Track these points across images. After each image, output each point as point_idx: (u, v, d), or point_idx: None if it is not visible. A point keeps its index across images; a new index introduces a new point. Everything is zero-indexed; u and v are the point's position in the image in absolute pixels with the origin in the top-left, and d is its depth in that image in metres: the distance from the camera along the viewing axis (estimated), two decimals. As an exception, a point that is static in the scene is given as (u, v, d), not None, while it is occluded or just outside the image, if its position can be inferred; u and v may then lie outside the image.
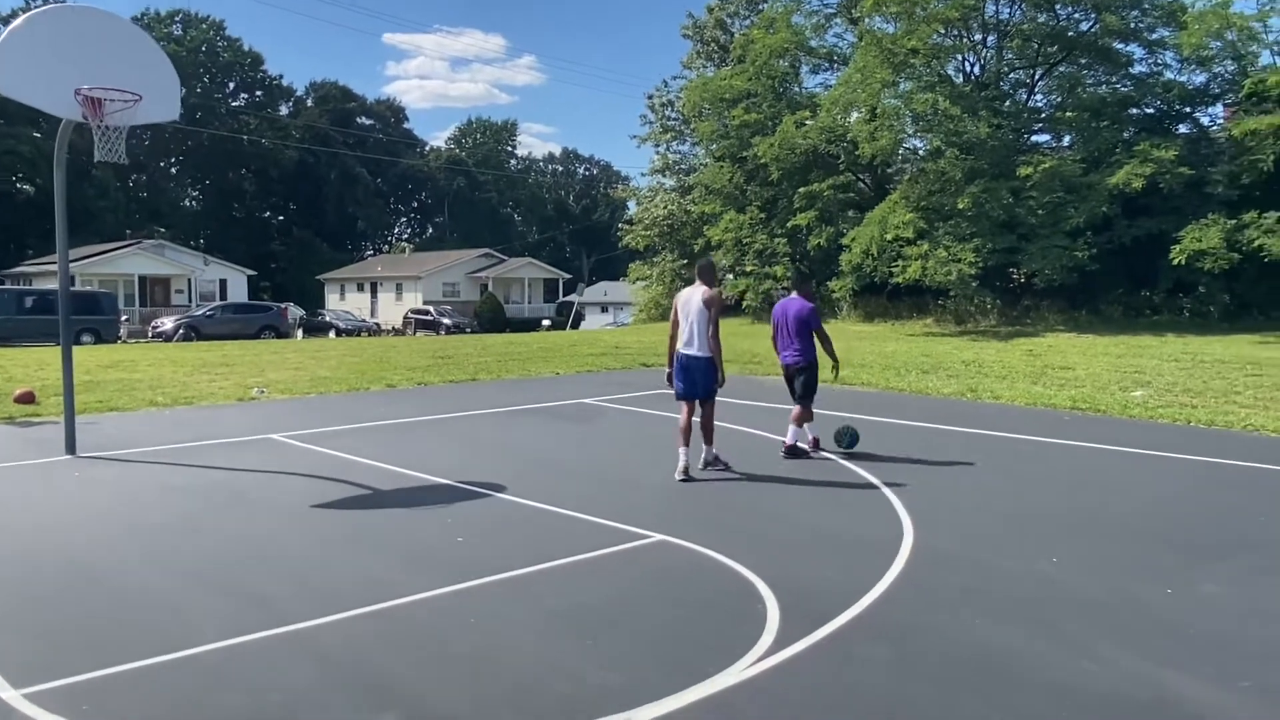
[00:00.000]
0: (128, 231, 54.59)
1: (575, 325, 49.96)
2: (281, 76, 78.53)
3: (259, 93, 77.29)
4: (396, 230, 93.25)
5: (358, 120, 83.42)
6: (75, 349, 21.24)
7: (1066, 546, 5.65)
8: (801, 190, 26.85)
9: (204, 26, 72.19)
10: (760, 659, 3.93)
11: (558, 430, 10.06)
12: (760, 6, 31.53)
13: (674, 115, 35.36)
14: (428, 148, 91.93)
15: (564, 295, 61.08)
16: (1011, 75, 27.38)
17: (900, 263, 23.93)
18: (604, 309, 64.13)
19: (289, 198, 76.76)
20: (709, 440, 7.90)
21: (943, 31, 25.65)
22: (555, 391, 13.23)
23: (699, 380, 7.61)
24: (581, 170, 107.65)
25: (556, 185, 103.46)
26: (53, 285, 37.52)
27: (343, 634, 4.20)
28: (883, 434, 9.69)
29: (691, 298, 7.62)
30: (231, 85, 75.67)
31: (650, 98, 36.30)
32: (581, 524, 6.12)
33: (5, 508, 6.43)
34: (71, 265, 41.62)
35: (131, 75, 7.41)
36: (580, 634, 4.22)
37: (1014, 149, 24.69)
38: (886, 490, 7.12)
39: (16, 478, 7.34)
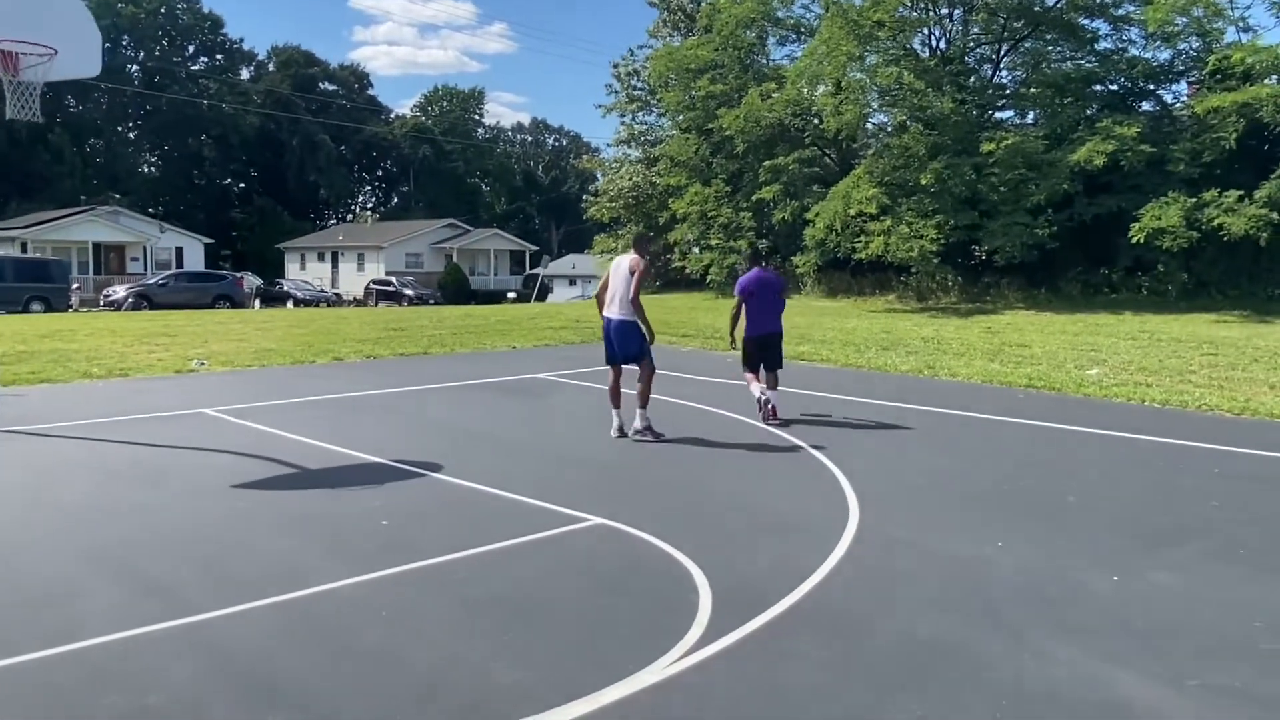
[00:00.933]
0: (82, 198, 53.12)
1: (541, 298, 49.52)
2: (243, 40, 77.06)
3: (219, 57, 75.44)
4: (361, 199, 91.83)
5: (320, 86, 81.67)
6: (14, 318, 20.70)
7: (1014, 530, 5.49)
8: (767, 164, 26.55)
9: (161, -13, 70.03)
10: (686, 654, 3.71)
11: (507, 407, 9.77)
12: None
13: (640, 85, 34.81)
14: (393, 115, 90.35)
15: (531, 267, 60.48)
16: (977, 50, 27.17)
17: (863, 238, 23.76)
18: (572, 281, 63.49)
19: (250, 165, 75.10)
20: (642, 404, 7.87)
21: (908, 4, 25.35)
22: (509, 366, 12.93)
23: (617, 342, 7.79)
24: (551, 141, 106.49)
25: (525, 155, 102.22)
26: (8, 253, 36.50)
27: (242, 627, 3.92)
28: (837, 411, 9.51)
29: (620, 264, 7.83)
30: (191, 49, 73.73)
31: (616, 67, 35.70)
32: (517, 506, 5.87)
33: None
34: (24, 232, 40.77)
35: (48, 28, 6.96)
36: (496, 627, 3.97)
37: (977, 125, 24.54)
38: (835, 469, 6.94)
39: (-79, 454, 6.95)
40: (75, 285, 31.09)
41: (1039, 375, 11.79)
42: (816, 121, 26.58)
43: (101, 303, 31.60)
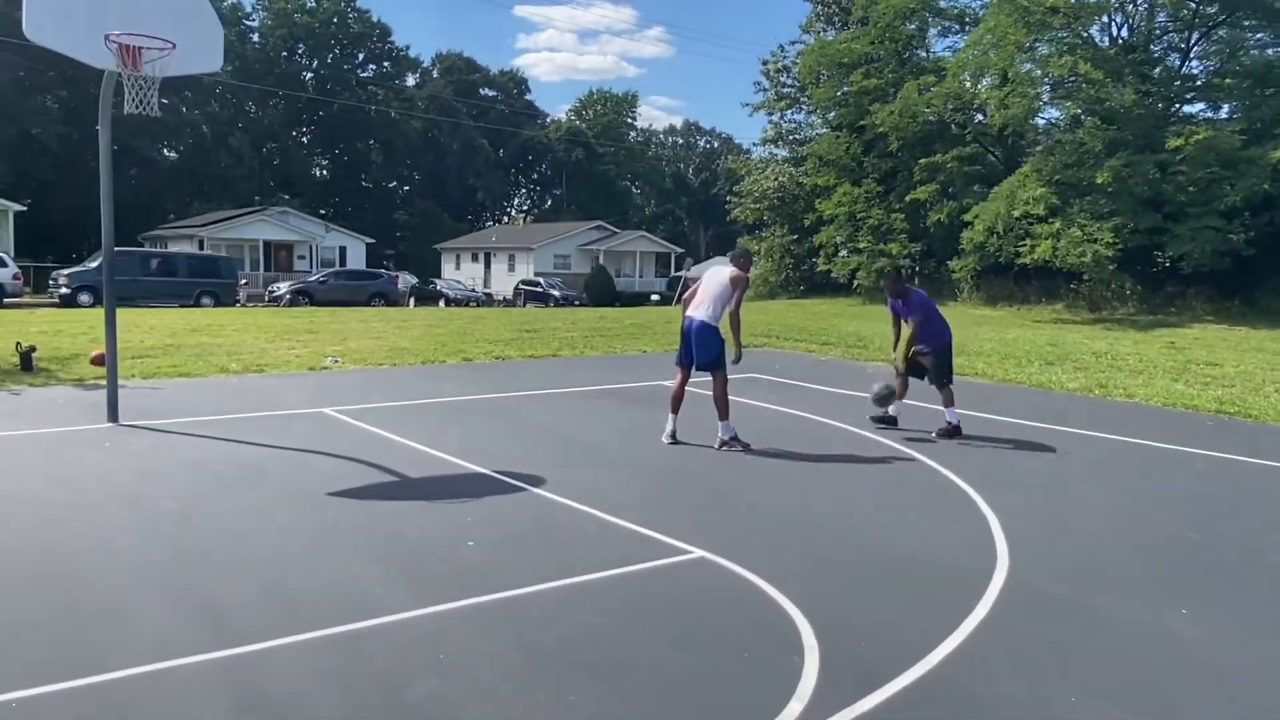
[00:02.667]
0: (256, 199, 56.50)
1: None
2: (408, 48, 79.94)
3: (386, 64, 78.77)
4: (516, 202, 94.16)
5: (481, 92, 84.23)
6: (171, 312, 21.92)
7: (1202, 593, 4.54)
8: (922, 162, 25.16)
9: (335, -1, 73.81)
10: (778, 739, 3.06)
11: (625, 415, 9.27)
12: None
13: (789, 82, 33.81)
14: (548, 119, 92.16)
15: (676, 270, 60.26)
16: (1164, 38, 24.87)
17: (1028, 242, 22.07)
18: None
19: (413, 168, 78.28)
20: (724, 415, 7.55)
21: (1087, -13, 23.42)
22: (636, 371, 12.46)
23: (696, 345, 7.48)
24: (703, 143, 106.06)
25: (676, 158, 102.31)
26: (182, 249, 39.14)
27: (286, 663, 3.54)
28: (989, 433, 8.53)
29: (720, 271, 7.54)
30: (360, 56, 77.31)
31: (765, 64, 34.80)
32: (615, 532, 5.33)
33: (19, 477, 6.08)
34: (201, 230, 43.51)
35: (171, 23, 6.93)
36: (561, 683, 3.43)
37: (1163, 119, 22.42)
38: (981, 503, 6.07)
39: (48, 445, 7.05)
40: (243, 281, 32.84)
41: (1232, 399, 10.35)
42: (979, 116, 24.94)
43: (266, 298, 33.28)
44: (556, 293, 45.41)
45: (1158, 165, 20.82)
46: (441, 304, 41.28)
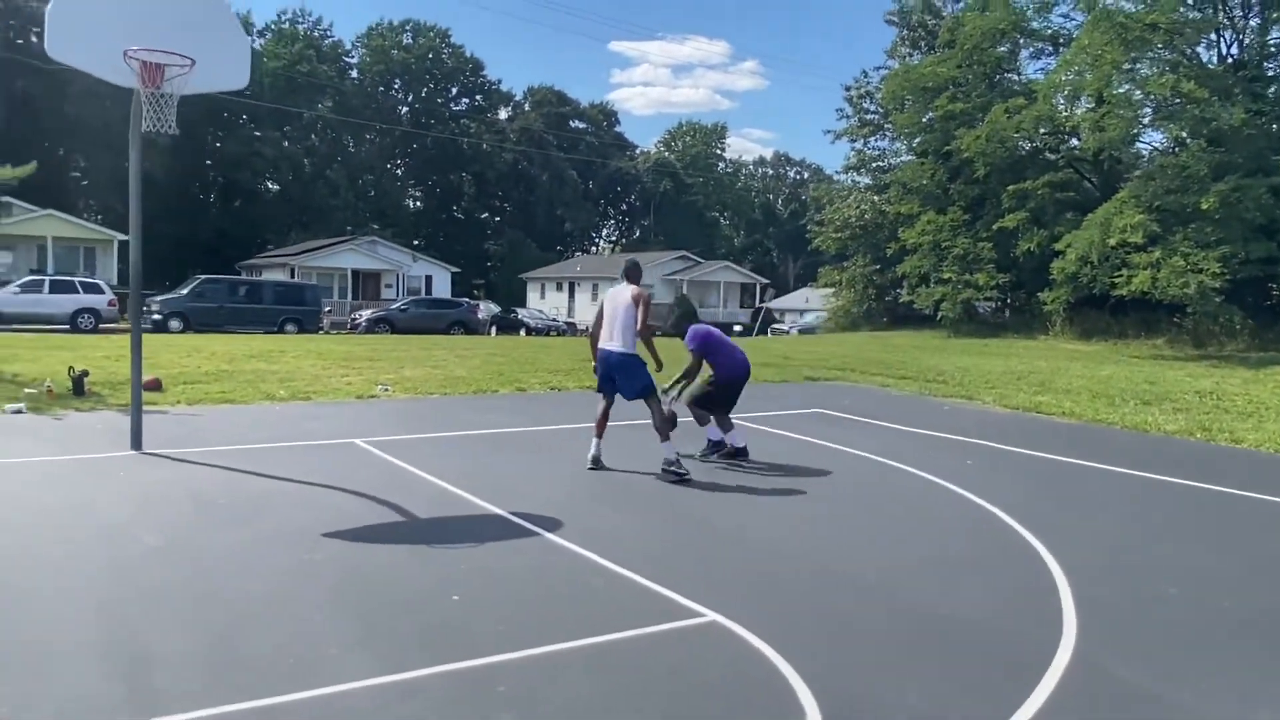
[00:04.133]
0: (349, 229, 58.02)
1: (763, 331, 48.26)
2: (500, 81, 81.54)
3: (479, 98, 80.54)
4: (605, 232, 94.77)
5: (571, 124, 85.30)
6: (236, 337, 22.25)
7: (1316, 694, 3.72)
8: (1011, 188, 24.01)
9: (431, 35, 75.96)
10: None
11: (660, 452, 8.70)
12: (976, -14, 28.58)
13: (873, 108, 32.94)
14: (637, 151, 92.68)
15: (760, 300, 59.48)
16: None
17: (1124, 272, 20.70)
18: (803, 315, 61.88)
19: (503, 199, 79.58)
20: (664, 438, 7.31)
21: (1190, 2, 22.04)
22: (693, 404, 11.87)
23: (620, 380, 7.37)
24: (792, 173, 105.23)
25: (766, 189, 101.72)
26: (274, 277, 40.27)
27: (194, 742, 3.08)
28: (1069, 479, 7.69)
29: (620, 293, 7.41)
30: (454, 90, 79.24)
31: (848, 90, 34.02)
32: (621, 586, 4.77)
33: (11, 505, 5.85)
34: (293, 258, 44.74)
35: (196, 39, 6.75)
36: (499, 786, 2.88)
37: (1277, 140, 20.83)
38: (1051, 562, 5.31)
39: (60, 472, 6.86)
40: (326, 309, 33.44)
41: (1357, 447, 9.21)
42: (1073, 140, 23.69)
43: (349, 325, 33.83)
44: (637, 322, 45.03)
45: (1271, 190, 19.32)
46: (522, 333, 41.39)
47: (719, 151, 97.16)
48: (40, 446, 7.71)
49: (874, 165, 33.10)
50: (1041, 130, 24.20)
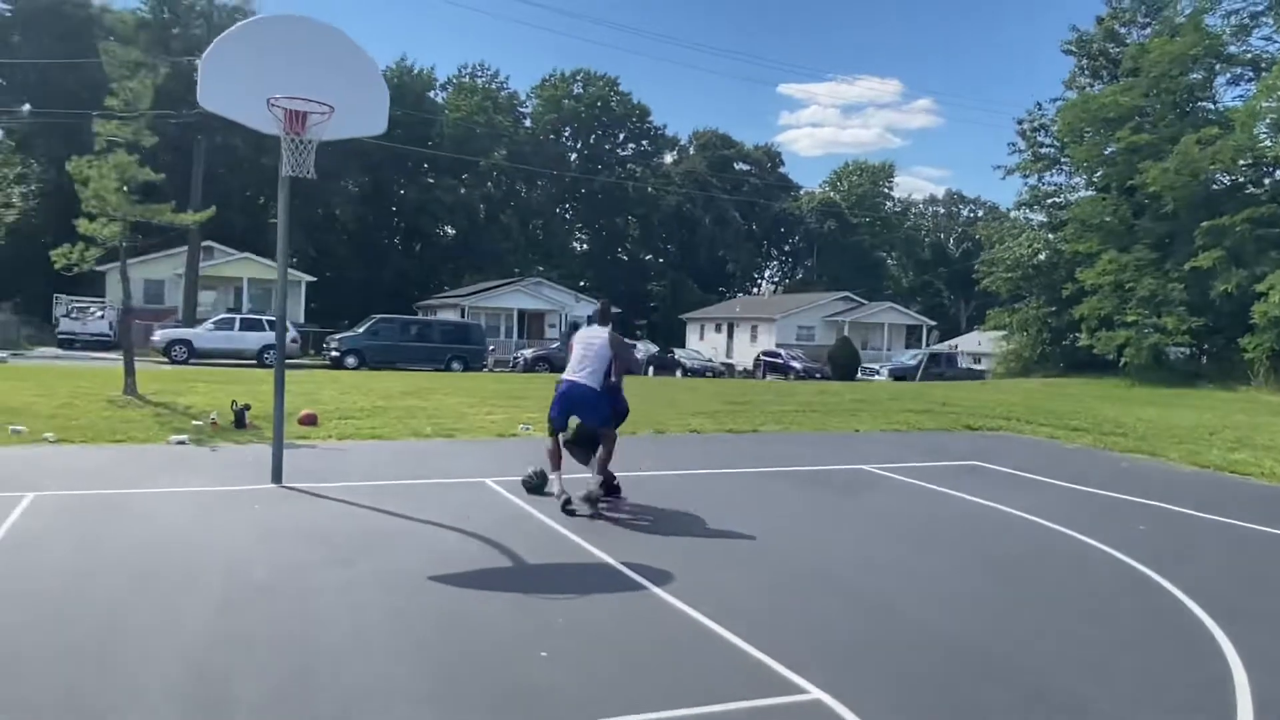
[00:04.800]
0: (515, 271, 60.17)
1: (931, 376, 46.27)
2: (665, 126, 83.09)
3: (645, 142, 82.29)
4: (767, 274, 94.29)
5: (735, 166, 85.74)
6: (396, 374, 23.23)
7: None
8: (1205, 225, 22.02)
9: (600, 83, 78.44)
10: None
11: (804, 502, 8.30)
12: (1164, 12, 26.65)
13: (1047, 141, 31.17)
14: (801, 191, 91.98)
15: (928, 343, 57.24)
16: None
17: (1342, 316, 18.55)
18: (977, 360, 59.16)
19: (667, 241, 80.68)
20: (600, 470, 7.35)
21: None
22: (834, 452, 11.37)
23: (583, 411, 7.39)
24: (965, 211, 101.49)
25: (937, 228, 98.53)
26: (444, 317, 42.13)
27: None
28: (1264, 554, 6.76)
29: (596, 334, 7.52)
30: (621, 135, 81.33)
31: (1021, 123, 32.38)
32: (724, 652, 4.44)
33: (137, 537, 6.14)
34: (463, 299, 46.69)
35: (339, 87, 7.05)
36: None
37: None
38: (1228, 649, 4.61)
39: (199, 503, 7.18)
40: (491, 348, 34.62)
41: None
42: (1278, 173, 21.56)
43: (511, 364, 34.88)
44: (797, 364, 44.24)
45: None
46: (678, 374, 41.42)
47: (887, 190, 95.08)
48: (191, 477, 8.14)
49: (1049, 201, 31.26)
50: (1241, 162, 22.12)
